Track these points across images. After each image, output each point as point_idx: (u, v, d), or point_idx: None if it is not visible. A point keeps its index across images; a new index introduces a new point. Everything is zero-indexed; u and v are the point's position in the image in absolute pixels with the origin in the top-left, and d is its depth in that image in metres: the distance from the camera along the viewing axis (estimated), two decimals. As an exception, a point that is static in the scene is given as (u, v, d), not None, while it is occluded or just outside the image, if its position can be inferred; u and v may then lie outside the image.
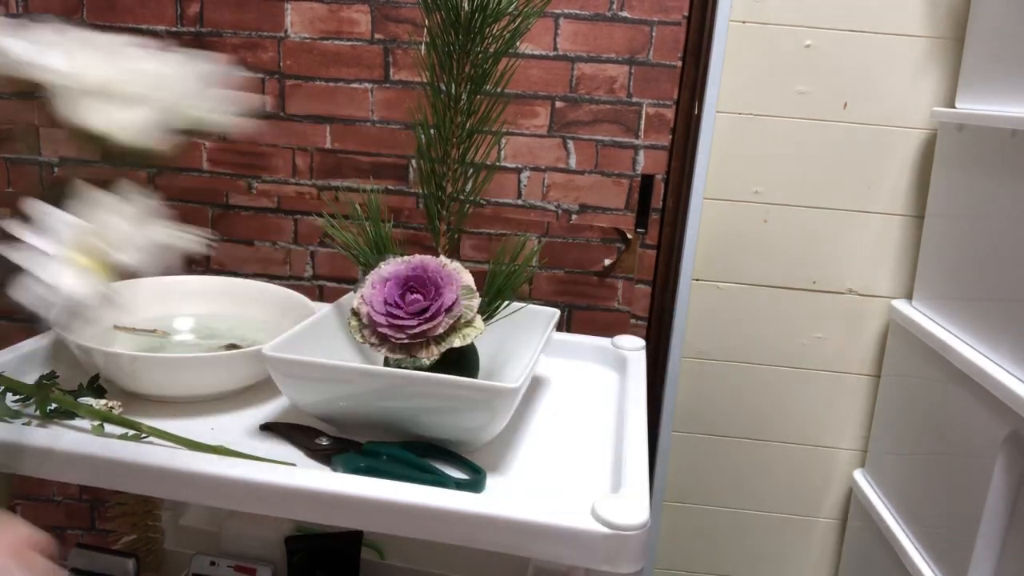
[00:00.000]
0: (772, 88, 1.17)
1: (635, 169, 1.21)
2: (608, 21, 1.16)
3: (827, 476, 1.30)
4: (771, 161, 1.20)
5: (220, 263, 1.31)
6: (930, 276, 1.14)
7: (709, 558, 1.36)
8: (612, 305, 1.26)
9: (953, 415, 0.99)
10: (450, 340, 0.69)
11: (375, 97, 1.22)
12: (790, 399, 1.28)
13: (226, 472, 0.62)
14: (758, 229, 1.22)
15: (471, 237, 1.26)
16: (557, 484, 0.69)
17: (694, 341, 1.27)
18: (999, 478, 0.87)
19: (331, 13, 1.20)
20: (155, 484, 0.64)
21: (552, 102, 1.20)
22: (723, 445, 1.31)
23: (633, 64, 1.17)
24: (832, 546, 1.33)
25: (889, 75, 1.15)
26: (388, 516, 0.60)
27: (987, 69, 1.04)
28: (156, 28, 1.23)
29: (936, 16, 1.13)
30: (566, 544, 0.59)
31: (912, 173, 1.18)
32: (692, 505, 1.34)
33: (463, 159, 0.79)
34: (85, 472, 0.64)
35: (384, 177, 1.25)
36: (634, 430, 0.73)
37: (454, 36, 0.76)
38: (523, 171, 1.23)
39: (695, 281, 1.25)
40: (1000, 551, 0.89)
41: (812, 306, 1.24)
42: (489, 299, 0.77)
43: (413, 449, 0.69)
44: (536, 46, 1.18)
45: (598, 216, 1.23)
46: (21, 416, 0.70)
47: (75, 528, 1.44)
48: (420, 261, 0.72)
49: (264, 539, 0.95)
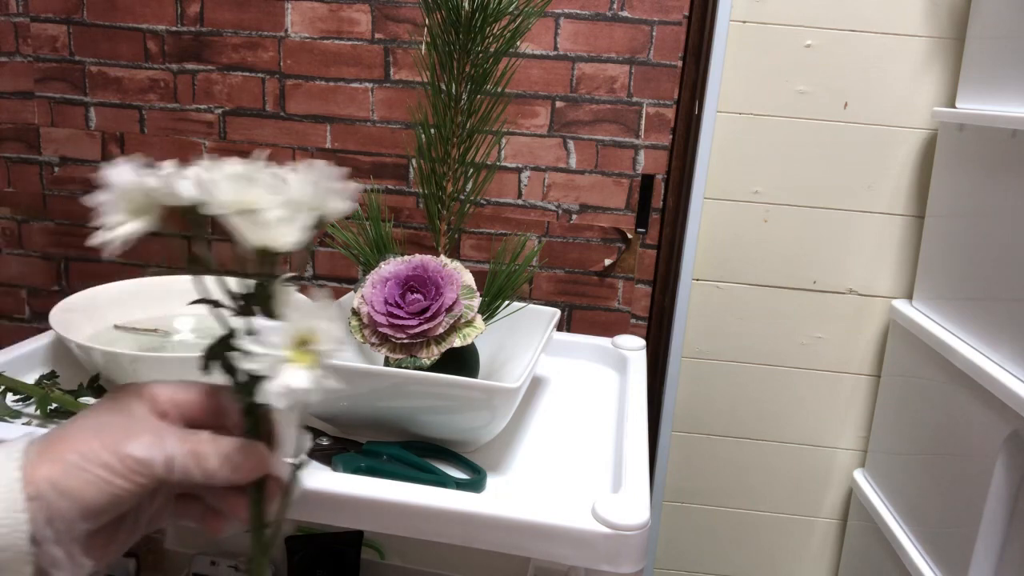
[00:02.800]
0: (772, 88, 1.17)
1: (635, 169, 1.21)
2: (608, 21, 1.16)
3: (827, 476, 1.30)
4: (771, 161, 1.20)
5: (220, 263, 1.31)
6: (930, 276, 1.14)
7: (709, 558, 1.36)
8: (612, 305, 1.26)
9: (953, 415, 0.99)
10: (450, 340, 0.69)
11: (375, 97, 1.22)
12: (790, 399, 1.28)
13: (226, 472, 0.62)
14: (758, 229, 1.22)
15: (471, 237, 1.26)
16: (557, 484, 0.69)
17: (694, 341, 1.27)
18: (999, 478, 0.87)
19: (331, 13, 1.20)
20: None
21: (552, 102, 1.20)
22: (723, 445, 1.30)
23: (633, 64, 1.17)
24: (832, 546, 1.33)
25: (889, 75, 1.15)
26: (388, 516, 0.60)
27: (987, 69, 1.04)
28: (156, 28, 1.23)
29: (936, 16, 1.13)
30: (566, 544, 0.59)
31: (912, 173, 1.18)
32: (692, 505, 1.34)
33: (463, 159, 0.79)
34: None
35: (384, 177, 1.25)
36: (634, 430, 0.73)
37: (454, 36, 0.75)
38: (523, 171, 1.23)
39: (695, 281, 1.25)
40: (1000, 551, 0.89)
41: (812, 306, 1.24)
42: (489, 299, 0.77)
43: (413, 449, 0.69)
44: (536, 46, 1.18)
45: (598, 216, 1.23)
46: (21, 416, 0.70)
47: (75, 528, 1.44)
48: (420, 261, 0.72)
49: (264, 539, 0.95)
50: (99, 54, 1.25)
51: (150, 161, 0.43)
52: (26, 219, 1.32)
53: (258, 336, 0.40)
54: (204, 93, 1.25)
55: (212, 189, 0.40)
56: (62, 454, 0.41)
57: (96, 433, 0.43)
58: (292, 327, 0.40)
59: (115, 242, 0.43)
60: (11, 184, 1.31)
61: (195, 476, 0.43)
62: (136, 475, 0.42)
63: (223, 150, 1.26)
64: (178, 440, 0.43)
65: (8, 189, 1.31)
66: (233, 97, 1.25)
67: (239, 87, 1.24)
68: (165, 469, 0.42)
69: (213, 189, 0.40)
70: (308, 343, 0.40)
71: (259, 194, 0.41)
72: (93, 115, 1.27)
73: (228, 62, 1.23)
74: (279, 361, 0.40)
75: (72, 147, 1.29)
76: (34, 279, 1.35)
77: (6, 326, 1.38)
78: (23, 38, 1.25)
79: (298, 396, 0.39)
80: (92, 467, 0.41)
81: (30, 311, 1.37)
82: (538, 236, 1.24)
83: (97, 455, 0.41)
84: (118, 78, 1.25)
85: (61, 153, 1.29)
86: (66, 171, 1.30)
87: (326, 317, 0.40)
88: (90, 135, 1.28)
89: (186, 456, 0.43)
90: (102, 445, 0.42)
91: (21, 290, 1.36)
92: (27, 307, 1.37)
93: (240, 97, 1.25)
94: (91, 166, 1.29)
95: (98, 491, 0.41)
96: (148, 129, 1.27)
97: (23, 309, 1.37)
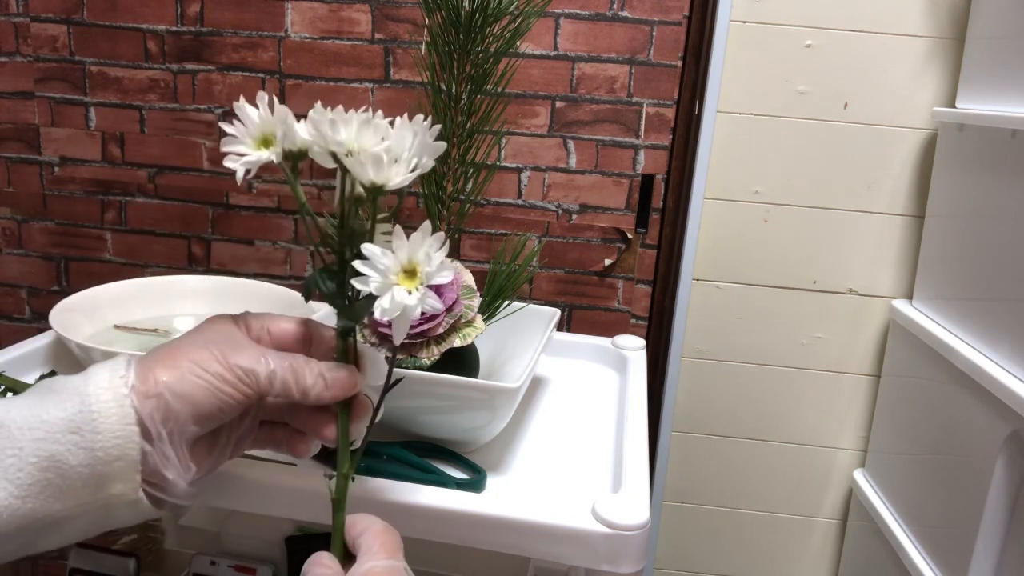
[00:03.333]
0: (772, 88, 1.17)
1: (635, 169, 1.21)
2: (608, 21, 1.16)
3: (827, 476, 1.30)
4: (771, 161, 1.20)
5: (220, 263, 1.31)
6: (931, 276, 1.14)
7: (709, 558, 1.36)
8: (612, 305, 1.26)
9: (953, 415, 0.99)
10: (450, 340, 0.69)
11: (375, 97, 1.22)
12: (790, 399, 1.28)
13: (226, 472, 0.62)
14: (758, 229, 1.22)
15: (471, 237, 1.26)
16: (557, 484, 0.69)
17: (694, 341, 1.27)
18: (1000, 478, 0.87)
19: (331, 13, 1.20)
20: (155, 484, 0.63)
21: (552, 102, 1.20)
22: (723, 445, 1.31)
23: (633, 64, 1.17)
24: (832, 546, 1.33)
25: (889, 75, 1.15)
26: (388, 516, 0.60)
27: (987, 69, 1.04)
28: (156, 28, 1.23)
29: (936, 16, 1.13)
30: (566, 544, 0.59)
31: (913, 173, 1.18)
32: (692, 505, 1.34)
33: (463, 159, 0.79)
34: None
35: (384, 177, 1.25)
36: (634, 430, 0.73)
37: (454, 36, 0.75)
38: (523, 171, 1.23)
39: (695, 281, 1.25)
40: (1000, 551, 0.89)
41: (812, 306, 1.24)
42: (489, 299, 0.77)
43: (413, 449, 0.69)
44: (536, 46, 1.18)
45: (598, 216, 1.23)
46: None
47: (75, 528, 1.44)
48: (420, 261, 0.72)
49: (264, 539, 0.95)
50: (99, 54, 1.25)
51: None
52: (26, 219, 1.32)
53: (369, 262, 0.46)
54: (204, 93, 1.25)
55: (332, 130, 0.46)
56: (176, 361, 0.46)
57: (205, 345, 0.47)
58: (400, 253, 0.46)
59: (242, 169, 0.48)
60: (11, 184, 1.31)
61: (292, 391, 0.47)
62: (243, 384, 0.46)
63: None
64: (278, 357, 0.48)
65: (8, 189, 1.31)
66: (233, 97, 1.25)
67: (239, 87, 1.24)
68: (267, 380, 0.47)
69: (333, 130, 0.46)
70: (413, 270, 0.46)
71: (372, 137, 0.47)
72: (93, 115, 1.27)
73: (228, 62, 1.23)
74: (389, 282, 0.45)
75: (72, 147, 1.29)
76: (34, 279, 1.35)
77: (6, 326, 1.38)
78: (23, 38, 1.25)
79: (406, 312, 0.45)
80: (204, 374, 0.46)
81: (30, 311, 1.37)
82: (538, 236, 1.24)
83: (208, 363, 0.46)
84: (118, 78, 1.25)
85: (61, 153, 1.29)
86: (66, 171, 1.30)
87: (428, 245, 0.45)
88: (90, 135, 1.28)
89: (286, 371, 0.47)
90: (212, 356, 0.46)
91: (21, 290, 1.36)
92: (27, 307, 1.37)
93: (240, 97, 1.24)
94: (91, 166, 1.29)
95: (209, 395, 0.46)
96: (148, 129, 1.27)
97: (23, 309, 1.37)
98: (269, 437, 0.53)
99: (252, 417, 0.51)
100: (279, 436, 0.53)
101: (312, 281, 0.49)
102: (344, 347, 0.50)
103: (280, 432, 0.53)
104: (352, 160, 0.46)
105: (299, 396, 0.47)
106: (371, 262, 0.45)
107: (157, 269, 1.31)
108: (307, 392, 0.48)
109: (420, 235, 0.45)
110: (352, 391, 0.50)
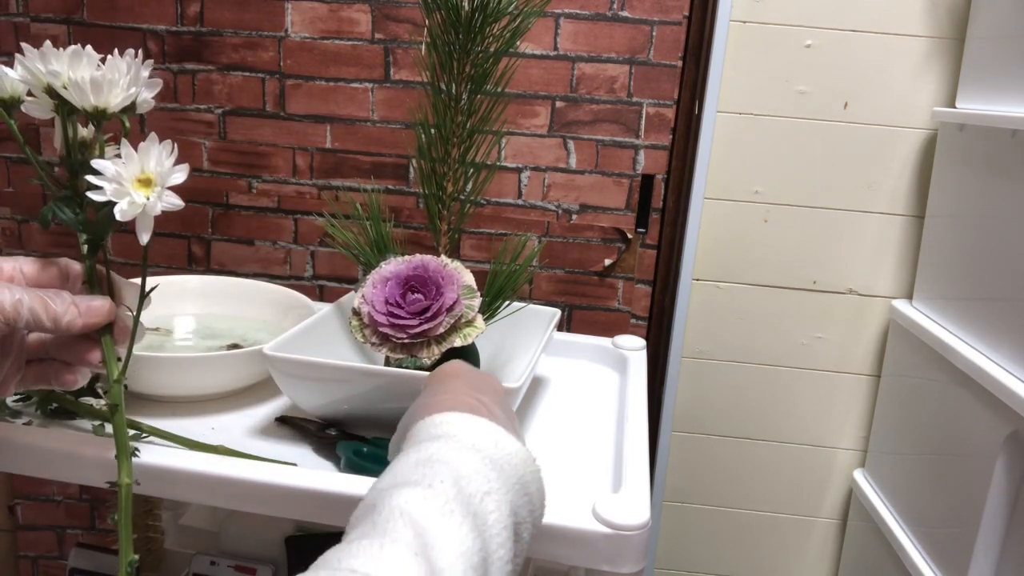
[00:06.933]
0: (772, 88, 1.17)
1: (635, 169, 1.21)
2: (608, 21, 1.16)
3: (827, 476, 1.30)
4: (771, 161, 1.20)
5: (220, 263, 1.31)
6: (930, 276, 1.14)
7: (709, 558, 1.36)
8: (612, 305, 1.26)
9: (953, 415, 0.99)
10: (451, 340, 0.69)
11: (375, 97, 1.22)
12: (790, 399, 1.28)
13: (226, 472, 0.62)
14: (758, 229, 1.22)
15: (471, 237, 1.26)
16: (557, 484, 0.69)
17: (694, 341, 1.27)
18: (999, 478, 0.87)
19: (331, 13, 1.20)
20: (155, 484, 0.63)
21: (552, 102, 1.20)
22: (723, 445, 1.31)
23: (633, 64, 1.17)
24: (832, 546, 1.33)
25: (889, 75, 1.15)
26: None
27: (987, 69, 1.04)
28: (156, 28, 1.23)
29: (936, 16, 1.13)
30: (566, 544, 0.59)
31: (912, 173, 1.18)
32: (692, 505, 1.34)
33: (463, 159, 0.79)
34: (85, 472, 0.64)
35: (384, 177, 1.25)
36: (634, 430, 0.73)
37: (454, 36, 0.75)
38: (523, 171, 1.23)
39: (695, 281, 1.25)
40: (1000, 551, 0.89)
41: (812, 306, 1.24)
42: (490, 299, 0.77)
43: (413, 449, 0.69)
44: (536, 46, 1.18)
45: (598, 216, 1.23)
46: (21, 416, 0.70)
47: (75, 528, 1.44)
48: (421, 261, 0.72)
49: (264, 539, 0.95)
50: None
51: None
52: (26, 219, 1.32)
53: (102, 175, 0.49)
54: (204, 93, 1.25)
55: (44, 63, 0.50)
56: None
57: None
58: (130, 163, 0.50)
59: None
60: (11, 184, 1.31)
61: (42, 319, 0.48)
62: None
63: (223, 149, 1.26)
64: (26, 289, 0.48)
65: (8, 189, 1.31)
66: (233, 97, 1.25)
67: (239, 87, 1.24)
68: (13, 309, 0.47)
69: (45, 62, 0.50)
70: (148, 179, 0.50)
71: (87, 67, 0.51)
72: (93, 115, 1.27)
73: (228, 62, 1.23)
74: (124, 189, 0.49)
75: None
76: (34, 279, 1.35)
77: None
78: (23, 38, 1.25)
79: (146, 211, 0.50)
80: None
81: (30, 311, 1.37)
82: (538, 236, 1.24)
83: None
84: (118, 78, 1.25)
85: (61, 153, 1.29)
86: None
87: (158, 152, 0.50)
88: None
89: (33, 300, 0.48)
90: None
91: (21, 290, 1.36)
92: (27, 307, 1.36)
93: (240, 97, 1.25)
94: (91, 166, 1.29)
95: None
96: (148, 129, 1.27)
97: (23, 309, 1.37)
98: (38, 374, 0.54)
99: (16, 355, 0.52)
100: (48, 371, 0.54)
101: (48, 211, 0.52)
102: (94, 272, 0.53)
103: (49, 367, 0.54)
104: (71, 91, 0.50)
105: (50, 324, 0.48)
106: (103, 175, 0.49)
107: (157, 269, 1.31)
108: (58, 319, 0.48)
109: (148, 143, 0.49)
110: (108, 317, 0.51)
